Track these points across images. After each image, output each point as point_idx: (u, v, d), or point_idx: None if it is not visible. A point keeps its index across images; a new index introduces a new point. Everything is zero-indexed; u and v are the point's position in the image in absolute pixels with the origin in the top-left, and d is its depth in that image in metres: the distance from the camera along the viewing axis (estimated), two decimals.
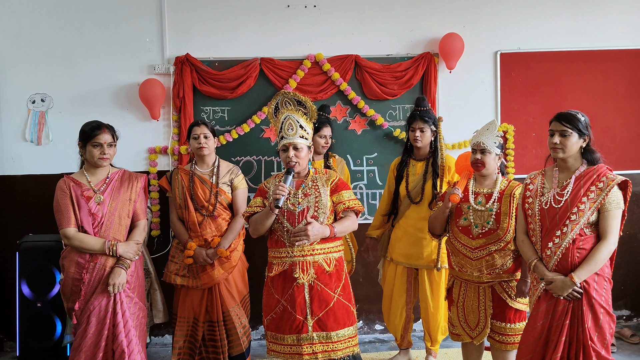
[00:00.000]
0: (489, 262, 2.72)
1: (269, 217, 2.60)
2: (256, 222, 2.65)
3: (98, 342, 2.72)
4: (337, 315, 2.61)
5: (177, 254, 3.30)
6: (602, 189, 2.40)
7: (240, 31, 3.97)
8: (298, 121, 2.65)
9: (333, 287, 2.63)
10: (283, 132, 2.66)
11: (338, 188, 2.71)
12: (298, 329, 2.58)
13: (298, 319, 2.58)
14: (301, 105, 2.76)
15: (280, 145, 2.67)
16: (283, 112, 2.71)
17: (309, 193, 2.66)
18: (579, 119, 2.47)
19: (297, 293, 2.59)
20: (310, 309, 2.58)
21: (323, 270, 2.61)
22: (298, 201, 2.63)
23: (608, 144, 4.09)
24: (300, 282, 2.58)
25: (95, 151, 2.79)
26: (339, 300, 2.63)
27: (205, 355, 3.29)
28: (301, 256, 2.60)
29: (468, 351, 2.98)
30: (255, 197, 2.76)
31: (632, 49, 4.14)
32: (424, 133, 3.27)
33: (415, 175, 3.35)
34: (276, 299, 2.64)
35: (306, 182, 2.70)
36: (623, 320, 4.25)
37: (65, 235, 2.75)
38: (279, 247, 2.65)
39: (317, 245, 2.61)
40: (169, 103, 3.92)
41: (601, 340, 2.40)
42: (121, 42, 3.90)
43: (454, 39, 3.92)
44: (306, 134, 2.68)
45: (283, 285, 2.63)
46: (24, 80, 3.86)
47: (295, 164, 2.63)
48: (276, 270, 2.64)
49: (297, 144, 2.64)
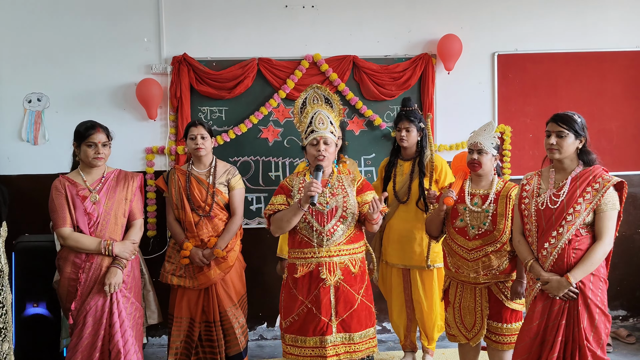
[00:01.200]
0: (486, 263, 2.73)
1: (297, 215, 2.56)
2: (281, 220, 2.60)
3: (94, 342, 2.72)
4: (360, 317, 2.61)
5: (174, 254, 3.29)
6: (598, 189, 2.41)
7: (238, 31, 3.97)
8: (328, 117, 2.65)
9: (357, 288, 2.63)
10: (313, 126, 2.63)
11: (364, 189, 2.71)
12: (322, 331, 2.56)
13: (323, 321, 2.56)
14: (328, 103, 2.76)
15: (310, 139, 2.63)
16: (312, 108, 2.70)
17: (337, 193, 2.64)
18: (576, 120, 2.48)
19: (323, 294, 2.56)
20: (335, 310, 2.57)
21: (349, 271, 2.61)
22: (326, 200, 2.61)
23: (604, 145, 4.10)
24: (327, 283, 2.57)
25: (90, 151, 2.79)
26: (362, 302, 2.63)
27: (202, 355, 3.28)
28: (328, 257, 2.58)
29: (465, 352, 2.98)
30: (277, 195, 2.71)
31: (628, 51, 4.16)
32: (409, 133, 3.29)
33: (402, 175, 3.37)
34: (300, 301, 2.60)
35: (331, 181, 2.67)
36: (619, 320, 4.27)
37: (61, 235, 2.74)
38: (303, 247, 2.61)
39: (344, 245, 2.60)
40: (166, 103, 3.91)
41: (597, 340, 2.42)
42: (118, 41, 3.89)
43: (452, 40, 3.92)
44: (335, 130, 2.67)
45: (308, 286, 2.60)
46: (20, 79, 3.84)
47: (323, 158, 2.59)
48: (301, 271, 2.60)
49: (328, 139, 2.62)
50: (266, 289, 4.02)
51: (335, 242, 2.59)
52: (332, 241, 2.58)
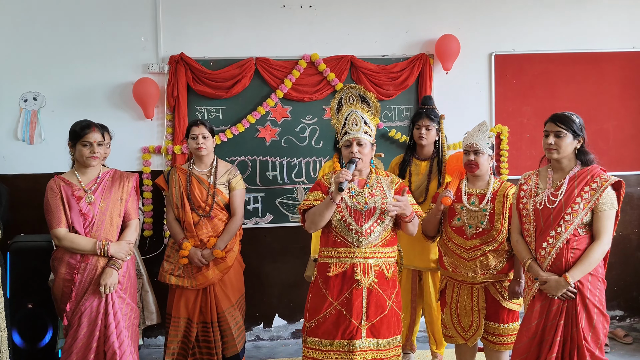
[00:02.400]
0: (483, 262, 2.73)
1: (330, 208, 2.50)
2: (315, 215, 2.54)
3: (89, 344, 2.70)
4: (390, 323, 2.55)
5: (173, 254, 3.27)
6: (596, 189, 2.41)
7: (236, 30, 3.96)
8: (362, 117, 2.60)
9: (389, 293, 2.57)
10: (347, 128, 2.60)
11: (400, 192, 2.63)
12: (352, 335, 2.48)
13: (353, 324, 2.48)
14: (365, 102, 2.71)
15: (344, 140, 2.60)
16: (347, 108, 2.67)
17: (375, 193, 2.59)
18: (574, 120, 2.48)
19: (355, 296, 2.50)
20: (366, 314, 2.50)
21: (383, 275, 2.55)
22: (365, 200, 2.56)
23: (601, 145, 4.11)
24: (361, 285, 2.50)
25: (85, 150, 2.76)
26: (392, 308, 2.57)
27: (199, 356, 3.27)
28: (363, 258, 2.51)
29: (461, 352, 2.98)
30: (312, 191, 2.66)
31: (625, 52, 4.17)
32: (429, 131, 3.24)
33: (419, 174, 3.30)
34: (329, 301, 2.53)
35: (370, 182, 2.62)
36: (616, 320, 4.28)
37: (56, 236, 2.72)
38: (338, 246, 2.55)
39: (379, 248, 2.55)
40: (163, 102, 3.90)
41: (595, 340, 2.42)
42: (115, 40, 3.88)
43: (449, 40, 3.93)
44: (370, 130, 2.62)
45: (340, 287, 2.53)
46: (16, 78, 3.82)
47: (358, 160, 2.55)
48: (334, 270, 2.53)
49: (361, 140, 2.57)
50: (263, 289, 4.01)
51: (371, 243, 2.53)
52: (369, 242, 2.52)
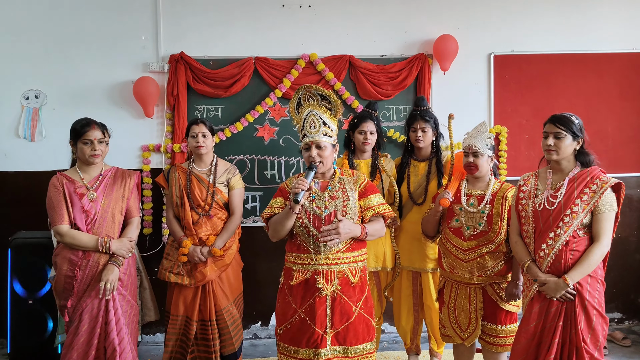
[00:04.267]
0: (480, 263, 2.73)
1: (289, 217, 2.40)
2: (276, 224, 2.45)
3: (90, 340, 2.70)
4: (357, 330, 2.45)
5: (172, 252, 3.28)
6: (596, 191, 2.41)
7: (235, 30, 3.97)
8: (321, 117, 2.46)
9: (356, 299, 2.46)
10: (305, 130, 2.46)
11: (367, 192, 2.53)
12: (316, 343, 2.39)
13: (317, 333, 2.39)
14: (325, 100, 2.55)
15: (303, 143, 2.48)
16: (305, 108, 2.52)
17: (337, 196, 2.46)
18: (573, 122, 2.47)
19: (319, 305, 2.40)
20: (331, 322, 2.41)
21: (348, 281, 2.44)
22: (325, 204, 2.44)
23: (601, 147, 4.11)
24: (323, 293, 2.40)
25: (86, 148, 2.78)
26: (360, 314, 2.46)
27: (197, 354, 3.27)
28: (325, 264, 2.41)
29: (459, 353, 2.98)
30: (275, 198, 2.55)
31: (624, 53, 4.17)
32: (425, 133, 3.20)
33: (417, 176, 3.28)
34: (293, 309, 2.45)
35: (332, 183, 2.50)
36: (615, 323, 4.28)
37: (58, 232, 2.73)
38: (300, 252, 2.45)
39: (343, 253, 2.43)
40: (162, 101, 3.91)
41: (594, 342, 2.41)
42: (116, 39, 3.89)
43: (448, 40, 3.93)
44: (330, 131, 2.48)
45: (303, 294, 2.44)
46: (18, 76, 3.84)
47: (318, 163, 2.44)
48: (297, 278, 2.44)
49: (320, 142, 2.44)
50: (260, 287, 4.02)
51: (333, 249, 2.41)
52: (330, 248, 2.41)
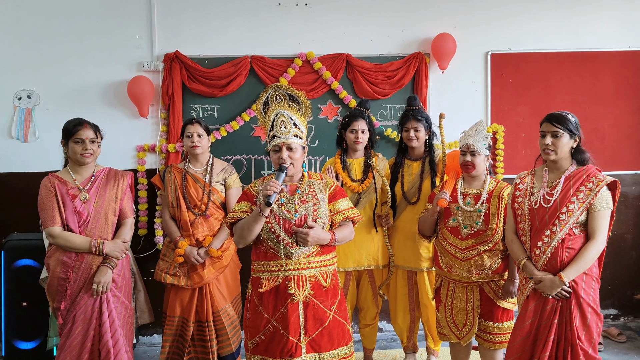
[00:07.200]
0: (478, 262, 2.73)
1: (258, 221, 2.32)
2: (242, 229, 2.36)
3: (84, 342, 2.69)
4: (332, 335, 2.39)
5: (169, 253, 3.26)
6: (592, 189, 2.41)
7: (231, 29, 3.94)
8: (291, 118, 2.40)
9: (329, 304, 2.40)
10: (275, 131, 2.39)
11: (336, 195, 2.49)
12: (290, 353, 2.32)
13: (291, 341, 2.32)
14: (294, 100, 2.51)
15: (272, 145, 2.40)
16: (274, 108, 2.46)
17: (307, 200, 2.41)
18: (570, 120, 2.47)
19: (291, 312, 2.33)
20: (305, 329, 2.35)
21: (320, 285, 2.39)
22: (295, 208, 2.38)
23: (597, 145, 4.12)
24: (296, 299, 2.34)
25: (78, 147, 2.76)
26: (335, 319, 2.41)
27: (194, 355, 3.26)
28: (296, 270, 2.35)
29: (456, 351, 2.99)
30: (240, 202, 2.46)
31: (621, 51, 4.17)
32: (418, 132, 3.20)
33: (411, 175, 3.28)
34: (265, 319, 2.37)
35: (301, 187, 2.44)
36: (610, 319, 4.29)
37: (51, 234, 2.71)
38: (268, 259, 2.38)
39: (314, 257, 2.38)
40: (157, 101, 3.88)
41: (589, 339, 2.43)
42: (110, 38, 3.86)
43: (446, 39, 3.92)
44: (300, 132, 2.42)
45: (275, 302, 2.37)
46: (10, 76, 3.80)
47: (289, 165, 2.38)
48: (267, 285, 2.37)
49: (291, 144, 2.38)
50: None
51: (304, 253, 2.35)
52: (301, 253, 2.35)
